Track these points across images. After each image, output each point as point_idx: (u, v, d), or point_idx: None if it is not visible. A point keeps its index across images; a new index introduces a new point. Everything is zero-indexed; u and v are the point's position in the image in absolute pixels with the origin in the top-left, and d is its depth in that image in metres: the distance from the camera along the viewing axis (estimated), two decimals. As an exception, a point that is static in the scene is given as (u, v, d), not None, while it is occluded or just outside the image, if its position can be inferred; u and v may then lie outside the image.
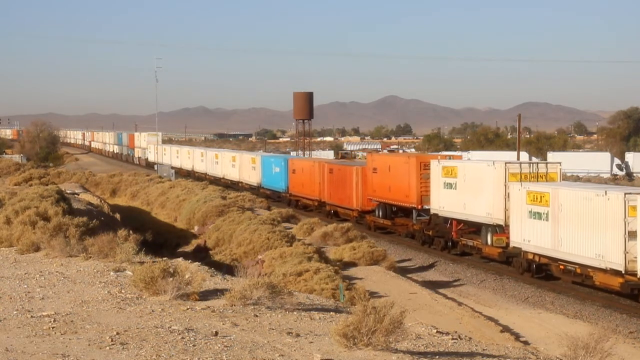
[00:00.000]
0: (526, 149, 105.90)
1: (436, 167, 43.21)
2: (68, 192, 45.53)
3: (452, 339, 15.64)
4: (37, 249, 23.82)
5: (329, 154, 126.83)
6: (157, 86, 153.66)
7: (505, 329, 26.86)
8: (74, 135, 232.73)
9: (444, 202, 42.18)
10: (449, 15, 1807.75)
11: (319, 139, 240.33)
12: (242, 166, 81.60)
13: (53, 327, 14.03)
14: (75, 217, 27.16)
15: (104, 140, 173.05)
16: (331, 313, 16.85)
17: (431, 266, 40.77)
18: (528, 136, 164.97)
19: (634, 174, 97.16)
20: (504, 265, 38.98)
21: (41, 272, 20.11)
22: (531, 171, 38.20)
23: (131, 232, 25.63)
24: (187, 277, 17.26)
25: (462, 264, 40.41)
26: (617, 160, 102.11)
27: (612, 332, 25.30)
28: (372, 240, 40.21)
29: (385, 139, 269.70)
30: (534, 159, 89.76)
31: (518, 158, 69.36)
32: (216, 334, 13.73)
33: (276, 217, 44.50)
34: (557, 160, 42.36)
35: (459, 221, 41.78)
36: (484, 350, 14.98)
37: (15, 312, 15.39)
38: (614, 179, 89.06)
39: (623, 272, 29.71)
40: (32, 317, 14.93)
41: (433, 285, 34.63)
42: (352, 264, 34.54)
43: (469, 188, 40.16)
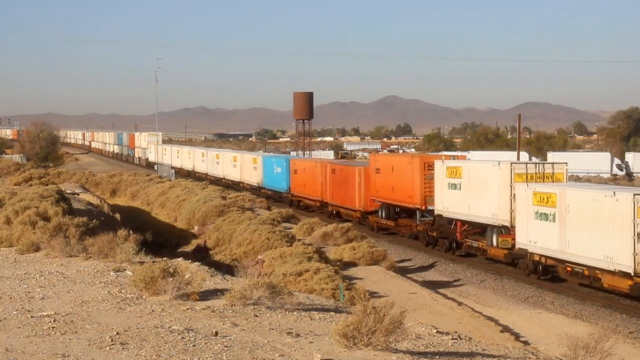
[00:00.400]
0: (526, 149, 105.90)
1: (440, 167, 42.76)
2: (68, 192, 45.52)
3: (452, 339, 15.63)
4: (37, 249, 23.81)
5: (329, 154, 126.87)
6: (157, 86, 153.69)
7: (505, 329, 26.85)
8: (74, 135, 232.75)
9: (448, 203, 41.76)
10: (449, 15, 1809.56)
11: (319, 139, 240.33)
12: (243, 166, 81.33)
13: (53, 327, 14.03)
14: (75, 217, 27.15)
15: (104, 140, 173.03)
16: (331, 313, 16.84)
17: (431, 266, 40.74)
18: (528, 136, 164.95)
19: (634, 174, 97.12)
20: (504, 265, 38.97)
21: (41, 272, 20.11)
22: (537, 171, 37.66)
23: (131, 232, 25.62)
24: (187, 277, 17.26)
25: (462, 264, 40.38)
26: (617, 160, 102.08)
27: (612, 332, 25.26)
28: (372, 240, 40.17)
29: (385, 139, 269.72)
30: (534, 159, 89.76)
31: (518, 158, 69.27)
32: (216, 334, 13.72)
33: (276, 217, 44.51)
34: (562, 160, 41.51)
35: (464, 222, 41.34)
36: (484, 350, 14.98)
37: (15, 312, 15.38)
38: (614, 179, 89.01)
39: (632, 274, 29.20)
40: (32, 317, 14.93)
41: (433, 285, 34.61)
42: (352, 264, 34.52)
43: (473, 189, 39.73)
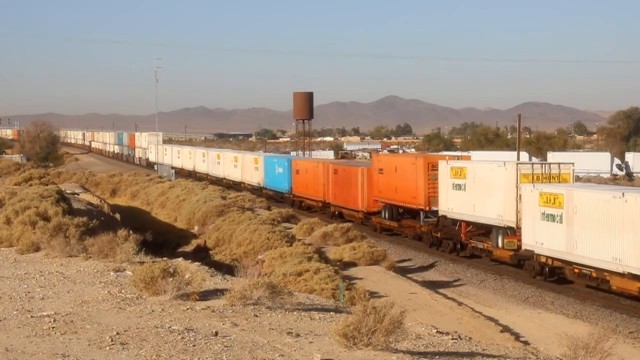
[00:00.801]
0: (526, 149, 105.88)
1: (444, 167, 42.41)
2: (68, 192, 45.53)
3: (452, 339, 15.63)
4: (37, 249, 23.82)
5: (329, 154, 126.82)
6: (157, 86, 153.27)
7: (505, 329, 26.85)
8: (74, 135, 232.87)
9: (453, 204, 41.39)
10: (449, 15, 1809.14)
11: (319, 139, 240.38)
12: (244, 166, 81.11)
13: (53, 327, 14.03)
14: (75, 217, 27.15)
15: (105, 140, 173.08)
16: (331, 313, 16.84)
17: (431, 266, 40.73)
18: (528, 136, 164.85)
19: (634, 174, 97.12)
20: (504, 265, 38.95)
21: (41, 272, 20.11)
22: (543, 172, 37.24)
23: (131, 232, 25.62)
24: (187, 277, 17.26)
25: (462, 264, 40.36)
26: (617, 160, 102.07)
27: (612, 332, 25.24)
28: (372, 240, 40.17)
29: (385, 139, 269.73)
30: (534, 159, 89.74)
31: (518, 158, 69.14)
32: (216, 334, 13.73)
33: (276, 217, 44.50)
34: (566, 160, 40.86)
35: (468, 223, 41.00)
36: (484, 350, 14.97)
37: (15, 312, 15.38)
38: (614, 179, 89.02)
39: None
40: (32, 317, 14.93)
41: (433, 285, 34.61)
42: (352, 264, 34.51)
43: (478, 189, 39.38)
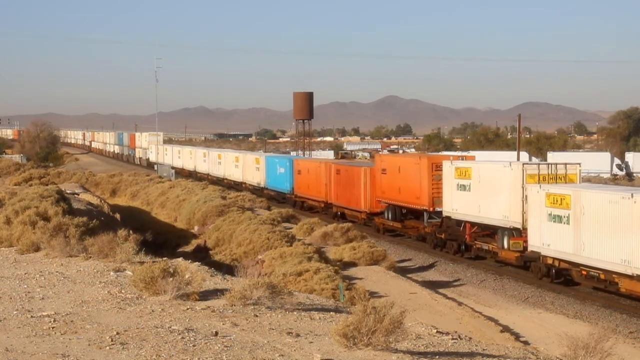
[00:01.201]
0: (526, 149, 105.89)
1: (449, 168, 42.02)
2: (68, 192, 45.52)
3: (452, 339, 15.63)
4: (37, 249, 23.81)
5: (329, 154, 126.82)
6: (157, 86, 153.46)
7: (505, 329, 26.84)
8: (74, 135, 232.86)
9: (457, 205, 41.03)
10: (449, 15, 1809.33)
11: (319, 139, 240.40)
12: (245, 167, 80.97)
13: (53, 327, 14.03)
14: (75, 217, 27.14)
15: (105, 140, 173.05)
16: (331, 313, 16.84)
17: (431, 266, 40.71)
18: (528, 136, 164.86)
19: (634, 174, 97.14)
20: (504, 265, 38.94)
21: (41, 272, 20.11)
22: (549, 172, 36.83)
23: (131, 232, 25.62)
24: (187, 277, 17.26)
25: (462, 264, 40.35)
26: (617, 160, 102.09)
27: (612, 332, 25.23)
28: (372, 240, 40.14)
29: (385, 139, 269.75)
30: (534, 159, 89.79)
31: (518, 158, 69.12)
32: (216, 334, 13.72)
33: (276, 217, 44.49)
34: (573, 161, 40.00)
35: (473, 224, 40.66)
36: (484, 350, 14.97)
37: (15, 312, 15.38)
38: (614, 179, 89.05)
39: None
40: (32, 317, 14.93)
41: (433, 285, 34.60)
42: (352, 264, 34.50)
43: (483, 190, 39.00)
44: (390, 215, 49.36)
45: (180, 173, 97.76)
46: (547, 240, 33.92)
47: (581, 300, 32.52)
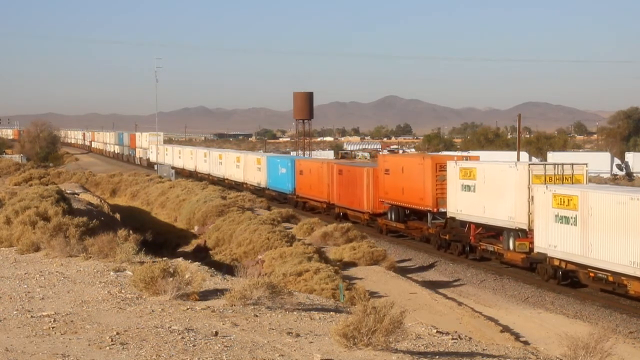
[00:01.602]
0: (526, 149, 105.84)
1: (453, 168, 41.62)
2: (68, 192, 45.52)
3: (452, 339, 15.63)
4: (37, 249, 23.82)
5: (329, 154, 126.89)
6: (157, 86, 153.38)
7: (505, 329, 26.84)
8: (74, 135, 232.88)
9: (462, 205, 40.64)
10: (449, 15, 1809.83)
11: (319, 139, 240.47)
12: (246, 167, 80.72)
13: (53, 327, 14.03)
14: (75, 217, 27.15)
15: (105, 140, 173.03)
16: (331, 313, 16.84)
17: (431, 266, 40.69)
18: (528, 136, 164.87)
19: (634, 174, 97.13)
20: (504, 266, 38.93)
21: (41, 272, 20.11)
22: (556, 173, 36.36)
23: (131, 232, 25.61)
24: (187, 277, 17.26)
25: (462, 264, 40.32)
26: (617, 160, 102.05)
27: (612, 332, 25.23)
28: (372, 240, 40.12)
29: (385, 139, 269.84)
30: (534, 159, 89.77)
31: (518, 158, 69.07)
32: (216, 334, 13.72)
33: (276, 217, 44.49)
34: (580, 161, 39.76)
35: (478, 225, 40.19)
36: (484, 350, 14.97)
37: (15, 312, 15.38)
38: (614, 179, 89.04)
39: None
40: (32, 317, 14.93)
41: (433, 285, 34.60)
42: (352, 264, 34.50)
43: (489, 190, 38.60)
44: (393, 216, 48.98)
45: (181, 173, 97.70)
46: (554, 241, 33.51)
47: (581, 300, 32.50)
